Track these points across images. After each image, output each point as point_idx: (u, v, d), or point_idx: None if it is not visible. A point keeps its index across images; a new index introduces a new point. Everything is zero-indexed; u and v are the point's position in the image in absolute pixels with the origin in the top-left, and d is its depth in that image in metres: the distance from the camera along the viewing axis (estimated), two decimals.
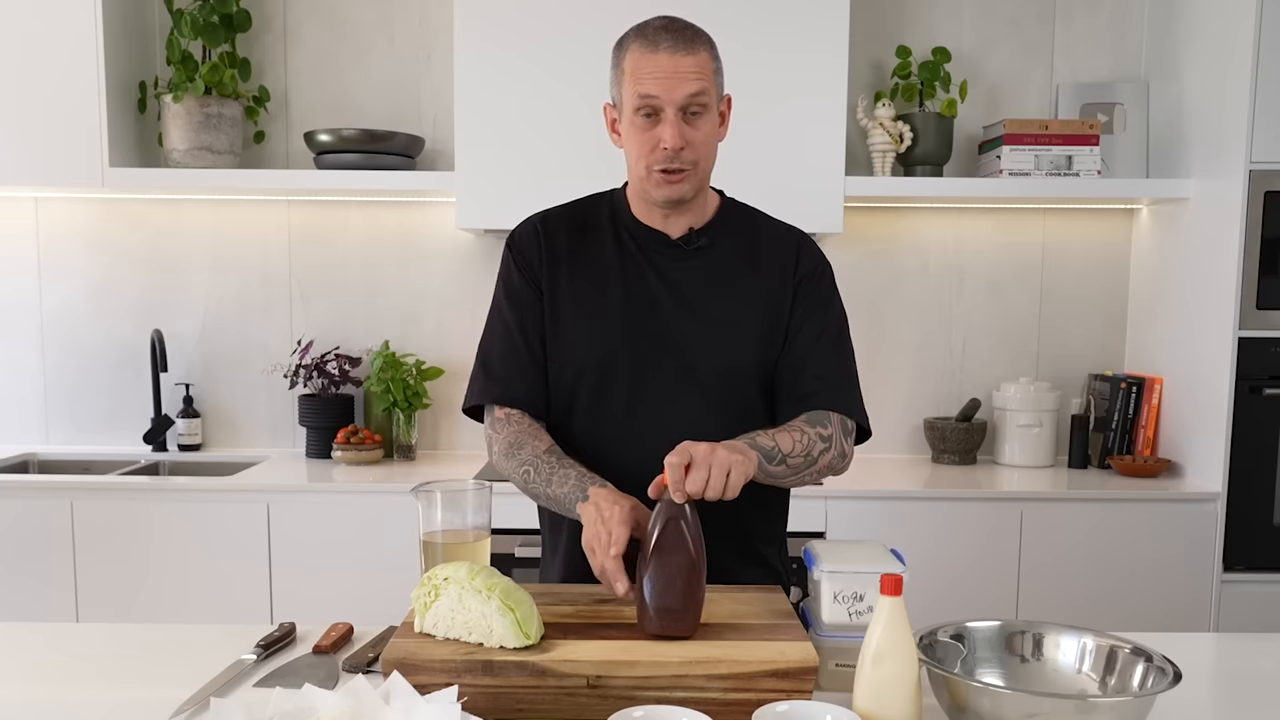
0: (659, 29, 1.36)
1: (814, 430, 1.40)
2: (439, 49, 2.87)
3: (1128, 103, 2.84)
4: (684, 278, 1.46)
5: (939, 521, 2.49)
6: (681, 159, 1.37)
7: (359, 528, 2.46)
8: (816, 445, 1.40)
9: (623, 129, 1.41)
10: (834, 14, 2.51)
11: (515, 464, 1.42)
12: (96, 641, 1.38)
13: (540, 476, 1.39)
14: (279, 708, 0.97)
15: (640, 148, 1.38)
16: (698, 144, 1.37)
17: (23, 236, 2.93)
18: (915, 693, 1.00)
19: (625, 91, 1.38)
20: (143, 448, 2.91)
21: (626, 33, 1.40)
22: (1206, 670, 1.37)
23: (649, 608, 1.15)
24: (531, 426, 1.45)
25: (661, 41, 1.34)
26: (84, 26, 2.57)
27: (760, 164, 2.47)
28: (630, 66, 1.36)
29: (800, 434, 1.38)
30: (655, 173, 1.38)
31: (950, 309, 2.97)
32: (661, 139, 1.35)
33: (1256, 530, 2.50)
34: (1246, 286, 2.45)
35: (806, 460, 1.39)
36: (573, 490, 1.34)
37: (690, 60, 1.34)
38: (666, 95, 1.34)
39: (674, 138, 1.35)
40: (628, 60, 1.37)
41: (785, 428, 1.40)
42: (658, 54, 1.34)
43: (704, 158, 1.40)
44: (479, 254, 2.92)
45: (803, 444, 1.38)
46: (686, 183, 1.39)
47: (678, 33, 1.35)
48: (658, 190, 1.40)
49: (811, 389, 1.44)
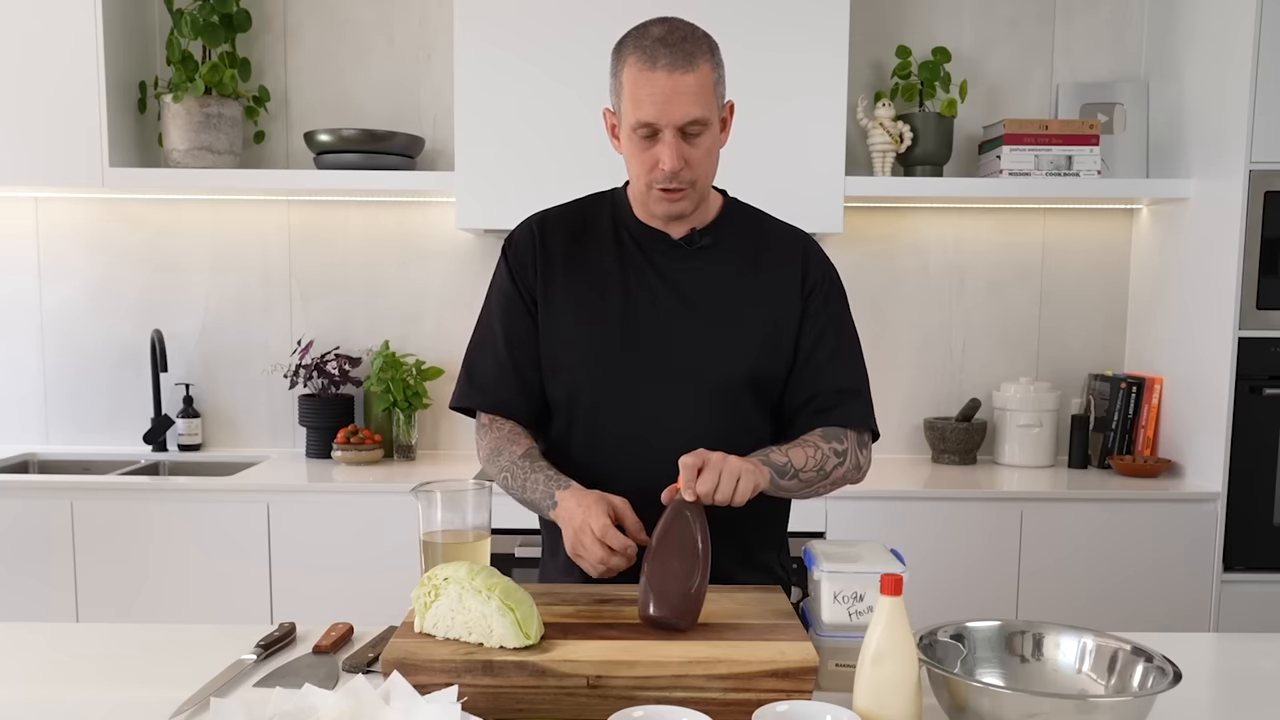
0: (657, 42, 1.31)
1: (828, 445, 1.42)
2: (439, 49, 2.87)
3: (1128, 103, 2.84)
4: (685, 278, 1.45)
5: (939, 521, 2.49)
6: (680, 179, 1.36)
7: (359, 528, 2.46)
8: (830, 460, 1.42)
9: (622, 140, 1.40)
10: (834, 14, 2.51)
11: (496, 469, 1.46)
12: (96, 641, 1.38)
13: (516, 482, 1.42)
14: (279, 708, 0.97)
15: (639, 165, 1.38)
16: (696, 162, 1.36)
17: (23, 236, 2.93)
18: (915, 693, 1.00)
19: (623, 107, 1.36)
20: (143, 448, 2.91)
21: (625, 38, 1.37)
22: (1206, 670, 1.37)
23: (650, 594, 1.17)
24: (511, 432, 1.47)
25: (659, 58, 1.30)
26: (84, 26, 2.57)
27: (760, 164, 2.47)
28: (628, 83, 1.34)
29: (814, 449, 1.41)
30: (655, 190, 1.38)
31: (950, 309, 2.97)
32: (660, 160, 1.34)
33: (1256, 530, 2.50)
34: (1246, 286, 2.45)
35: (819, 474, 1.41)
36: (543, 497, 1.37)
37: (689, 79, 1.31)
38: (665, 119, 1.32)
39: (672, 160, 1.33)
40: (625, 75, 1.34)
41: (799, 442, 1.42)
42: (655, 73, 1.30)
43: (703, 174, 1.39)
44: (479, 254, 2.92)
45: (816, 459, 1.40)
46: (686, 200, 1.40)
47: (676, 46, 1.31)
48: (657, 206, 1.41)
49: (828, 403, 1.46)
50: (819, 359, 1.47)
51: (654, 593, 1.17)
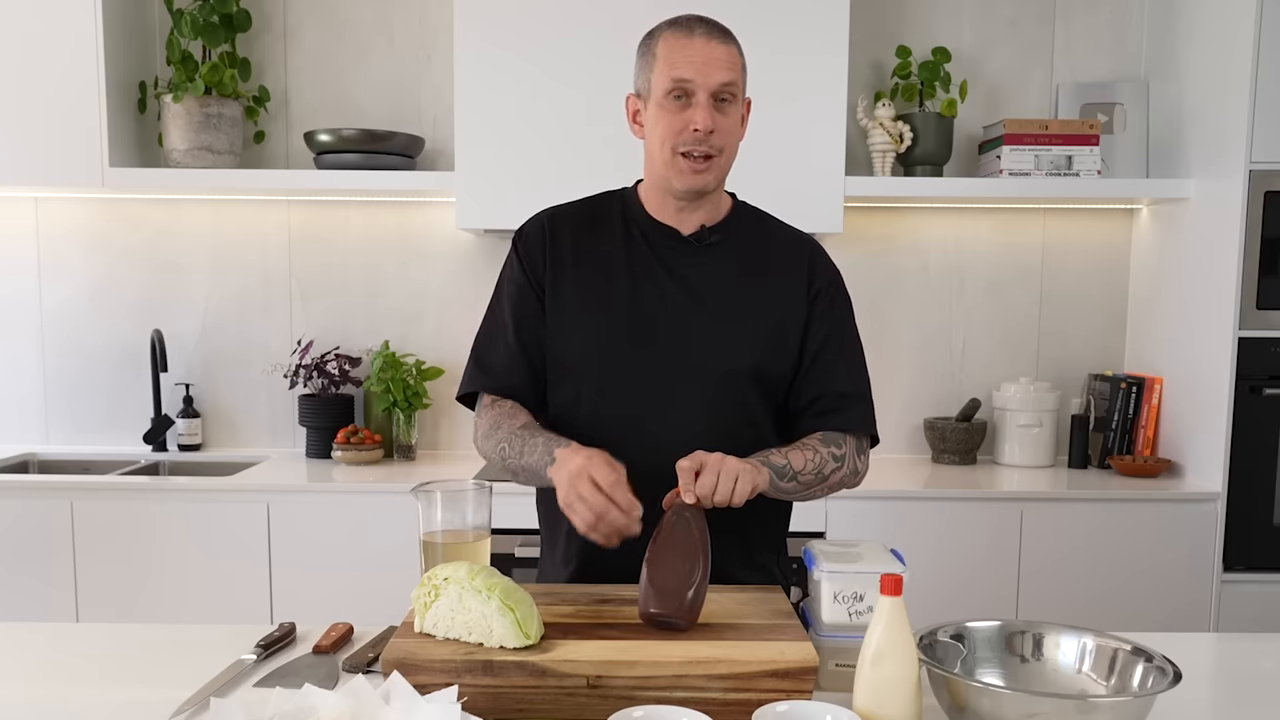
0: (692, 19, 1.40)
1: (827, 449, 1.43)
2: (439, 49, 2.87)
3: (1128, 103, 2.84)
4: (693, 273, 1.46)
5: (939, 521, 2.49)
6: (710, 143, 1.38)
7: (359, 528, 2.46)
8: (828, 464, 1.43)
9: (648, 116, 1.42)
10: (834, 14, 2.51)
11: (493, 444, 1.43)
12: (96, 641, 1.38)
13: (514, 450, 1.40)
14: (279, 708, 0.97)
15: (668, 129, 1.39)
16: (726, 131, 1.39)
17: (23, 236, 2.93)
18: (915, 693, 1.00)
19: (656, 76, 1.39)
20: (143, 448, 2.91)
21: (657, 25, 1.44)
22: (1206, 670, 1.37)
23: (650, 593, 1.18)
24: (513, 408, 1.46)
25: (696, 29, 1.38)
26: (84, 26, 2.57)
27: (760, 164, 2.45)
28: (664, 51, 1.38)
29: (813, 452, 1.42)
30: (680, 157, 1.39)
31: (950, 309, 2.97)
32: (693, 120, 1.37)
33: (1256, 530, 2.50)
34: (1246, 286, 2.45)
35: (817, 478, 1.42)
36: (541, 456, 1.35)
37: (724, 50, 1.38)
38: (701, 79, 1.36)
39: (706, 119, 1.36)
40: (660, 45, 1.39)
41: (799, 445, 1.42)
42: (693, 39, 1.37)
43: (729, 146, 1.41)
44: (479, 254, 2.92)
45: (814, 462, 1.41)
46: (710, 172, 1.41)
47: (711, 24, 1.39)
48: (680, 179, 1.41)
49: (830, 406, 1.47)
50: (823, 363, 1.48)
51: (654, 591, 1.17)
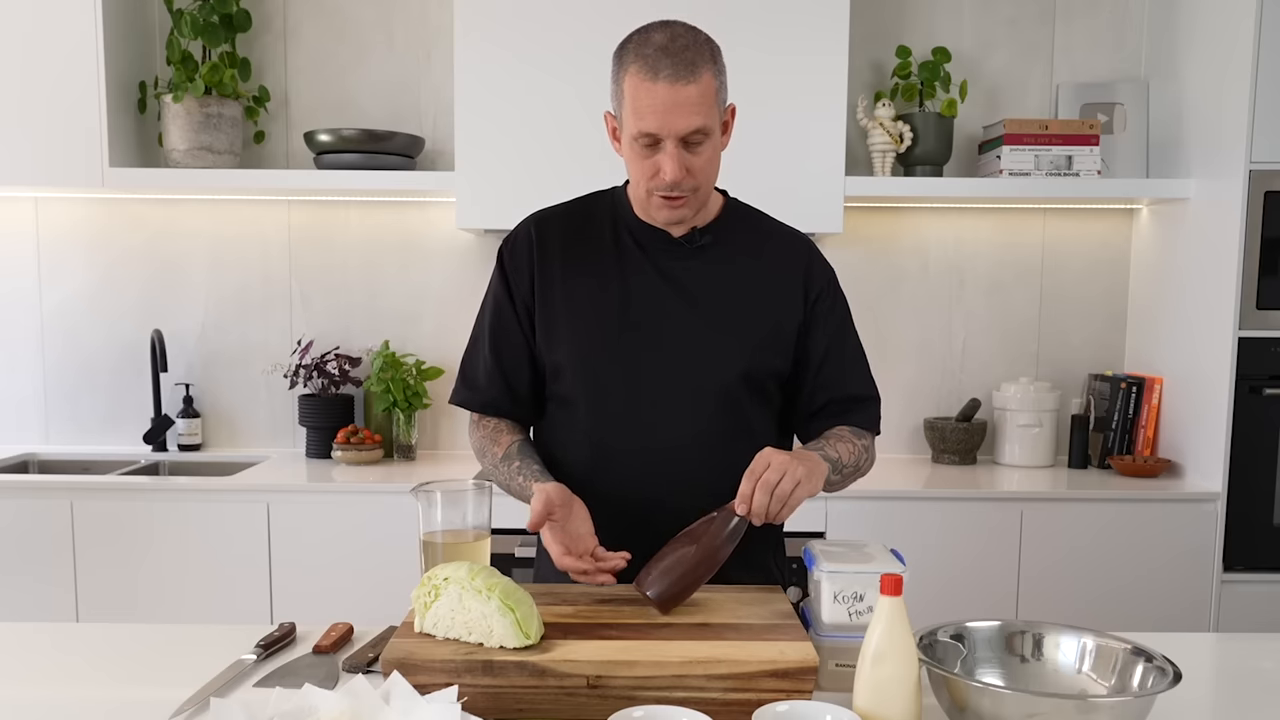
0: (659, 51, 1.29)
1: (860, 442, 1.49)
2: (439, 49, 2.87)
3: (1128, 103, 2.84)
4: (685, 275, 1.45)
5: (939, 521, 2.49)
6: (681, 187, 1.35)
7: (359, 528, 2.46)
8: (862, 456, 1.49)
9: (624, 148, 1.40)
10: (834, 14, 2.51)
11: (483, 466, 1.54)
12: (96, 641, 1.38)
13: (500, 480, 1.49)
14: (279, 708, 0.98)
15: (640, 173, 1.37)
16: (698, 170, 1.35)
17: (23, 236, 2.93)
18: (915, 693, 1.00)
19: (624, 115, 1.35)
20: (143, 448, 2.91)
21: (626, 43, 1.34)
22: (1206, 670, 1.37)
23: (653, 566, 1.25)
24: (495, 429, 1.52)
25: (661, 69, 1.28)
26: (84, 26, 2.57)
27: (760, 164, 2.47)
28: (630, 93, 1.32)
29: (850, 445, 1.47)
30: (656, 196, 1.38)
31: (950, 309, 2.97)
32: (661, 169, 1.33)
33: (1256, 530, 2.50)
34: (1246, 286, 2.45)
35: (854, 469, 1.47)
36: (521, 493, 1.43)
37: (691, 90, 1.29)
38: (667, 129, 1.31)
39: (673, 170, 1.32)
40: (627, 85, 1.33)
41: (835, 438, 1.47)
42: (657, 84, 1.29)
43: (705, 181, 1.39)
44: (479, 254, 2.92)
45: (854, 454, 1.47)
46: (686, 207, 1.39)
47: (678, 56, 1.29)
48: (658, 213, 1.41)
49: (844, 408, 1.51)
50: (832, 367, 1.50)
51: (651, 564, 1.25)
